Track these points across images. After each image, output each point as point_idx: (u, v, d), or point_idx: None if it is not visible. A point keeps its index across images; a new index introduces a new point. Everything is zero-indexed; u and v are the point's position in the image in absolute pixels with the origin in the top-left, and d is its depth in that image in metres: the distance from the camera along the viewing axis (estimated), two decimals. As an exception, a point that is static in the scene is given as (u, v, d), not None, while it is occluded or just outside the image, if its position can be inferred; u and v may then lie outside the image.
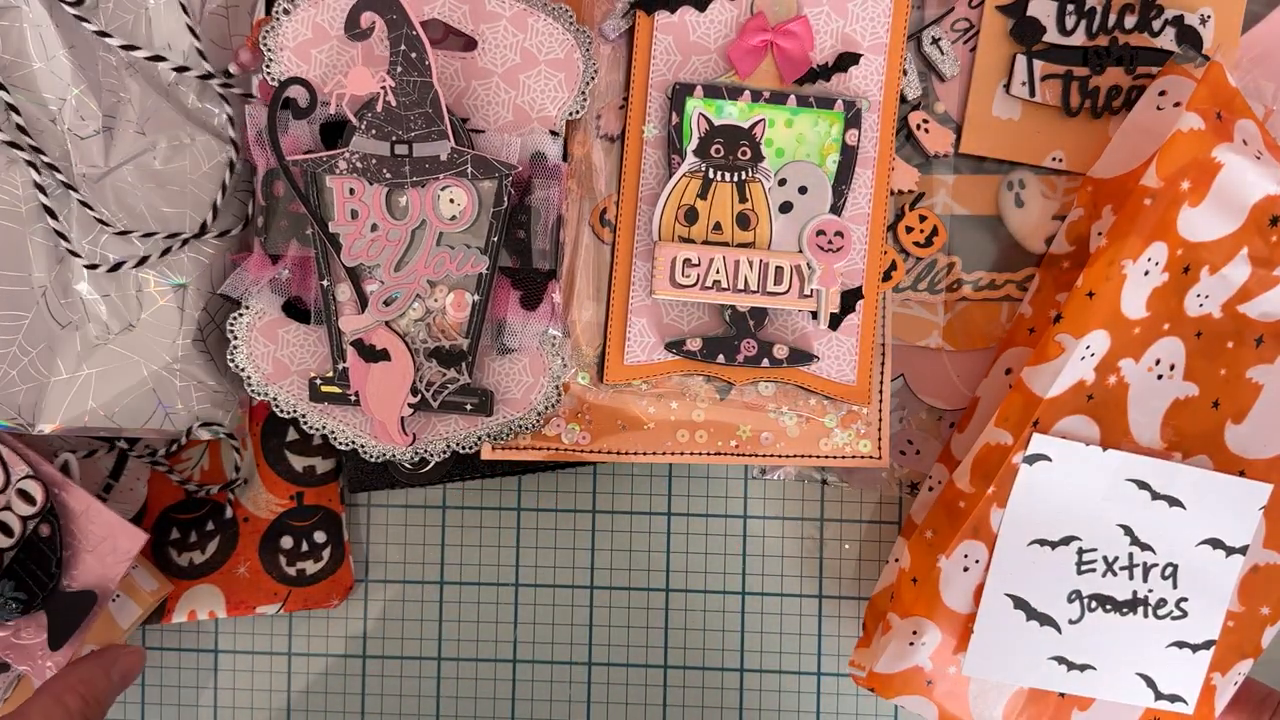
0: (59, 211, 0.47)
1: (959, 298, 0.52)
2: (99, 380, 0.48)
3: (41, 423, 0.47)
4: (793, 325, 0.49)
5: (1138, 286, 0.46)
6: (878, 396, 0.50)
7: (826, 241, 0.48)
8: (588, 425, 0.50)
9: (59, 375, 0.47)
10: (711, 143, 0.47)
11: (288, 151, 0.45)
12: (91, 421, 0.47)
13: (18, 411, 0.47)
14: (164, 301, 0.48)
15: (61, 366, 0.47)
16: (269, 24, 0.46)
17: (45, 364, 0.47)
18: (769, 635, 0.56)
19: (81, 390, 0.47)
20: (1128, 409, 0.48)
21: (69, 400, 0.47)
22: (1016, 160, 0.51)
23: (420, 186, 0.45)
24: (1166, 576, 0.49)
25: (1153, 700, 0.49)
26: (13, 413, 0.47)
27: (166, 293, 0.48)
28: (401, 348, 0.47)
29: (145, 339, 0.48)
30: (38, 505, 0.48)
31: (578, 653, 0.56)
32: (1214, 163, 0.45)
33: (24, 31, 0.46)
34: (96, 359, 0.48)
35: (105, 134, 0.47)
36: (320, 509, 0.54)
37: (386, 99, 0.45)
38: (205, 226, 0.48)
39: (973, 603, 0.48)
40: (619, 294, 0.49)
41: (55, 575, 0.49)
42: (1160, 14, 0.50)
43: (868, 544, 0.55)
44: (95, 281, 0.47)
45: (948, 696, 0.49)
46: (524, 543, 0.56)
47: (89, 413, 0.47)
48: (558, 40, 0.46)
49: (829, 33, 0.48)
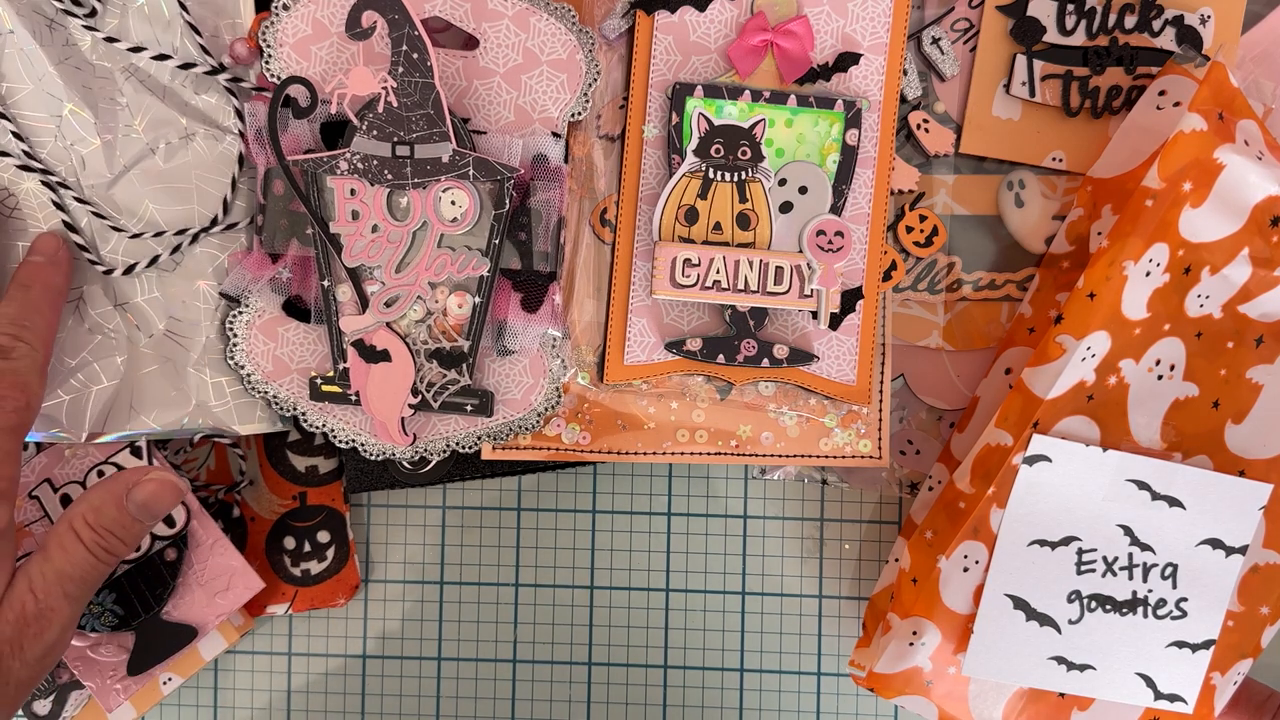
0: (76, 224, 0.47)
1: (959, 298, 0.52)
2: (138, 386, 0.48)
3: (87, 432, 0.47)
4: (793, 325, 0.49)
5: (1138, 287, 0.46)
6: (878, 396, 0.50)
7: (826, 241, 0.48)
8: (588, 425, 0.50)
9: (99, 384, 0.47)
10: (711, 143, 0.47)
11: (288, 151, 0.45)
12: (134, 427, 0.47)
13: (64, 423, 0.47)
14: (181, 300, 0.48)
15: (102, 375, 0.47)
16: (268, 19, 0.46)
17: (86, 375, 0.47)
18: (769, 635, 0.56)
19: (122, 397, 0.48)
20: (1128, 409, 0.48)
21: (112, 408, 0.47)
22: (1016, 160, 0.51)
23: (421, 188, 0.45)
24: (1166, 576, 0.49)
25: (1152, 700, 0.49)
26: (59, 425, 0.47)
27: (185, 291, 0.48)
28: (402, 349, 0.47)
29: (171, 340, 0.48)
30: (175, 529, 0.47)
31: (578, 653, 0.56)
32: (1216, 163, 0.45)
33: (12, 57, 0.46)
34: (131, 365, 0.48)
35: (105, 143, 0.47)
36: (324, 509, 0.54)
37: (388, 99, 0.44)
38: (216, 221, 0.48)
39: (972, 603, 0.48)
40: (619, 294, 0.49)
41: (161, 601, 0.48)
42: (1160, 14, 0.50)
43: (868, 544, 0.55)
44: (118, 290, 0.48)
45: (947, 697, 0.49)
46: (524, 543, 0.56)
47: (131, 419, 0.48)
48: (560, 40, 0.46)
49: (829, 32, 0.48)
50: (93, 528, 0.41)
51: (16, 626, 0.40)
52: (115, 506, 0.42)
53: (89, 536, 0.41)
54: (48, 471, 0.49)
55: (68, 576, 0.41)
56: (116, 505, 0.42)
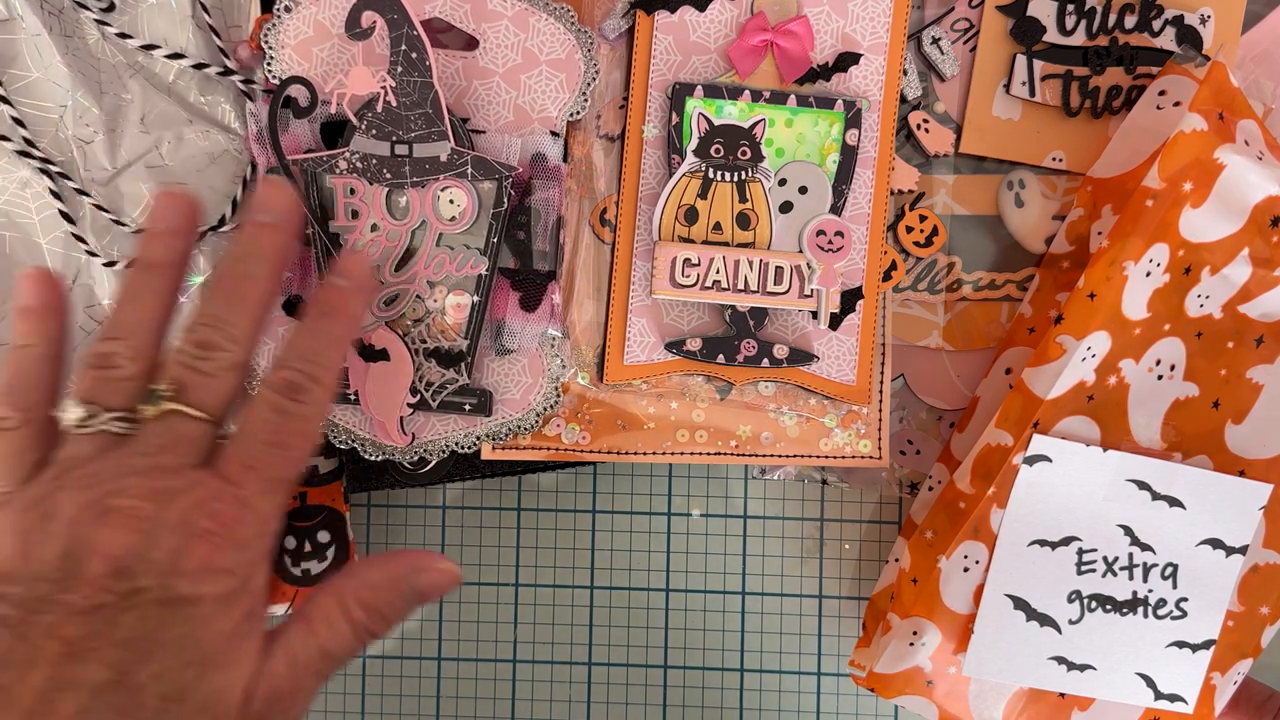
0: (74, 216, 0.47)
1: (959, 298, 0.52)
2: None
3: None
4: (793, 325, 0.49)
5: (1139, 287, 0.46)
6: (878, 396, 0.50)
7: (826, 241, 0.48)
8: (588, 425, 0.50)
9: None
10: (711, 142, 0.47)
11: (288, 150, 0.45)
12: None
13: None
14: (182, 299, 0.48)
15: None
16: (270, 21, 0.46)
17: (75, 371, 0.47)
18: (769, 635, 0.56)
19: None
20: (1128, 409, 0.48)
21: None
22: (1016, 160, 0.51)
23: (420, 187, 0.46)
24: (1166, 576, 0.49)
25: (1152, 700, 0.49)
26: None
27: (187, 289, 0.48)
28: (401, 348, 0.47)
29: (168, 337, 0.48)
30: None
31: (578, 653, 0.56)
32: (1216, 164, 0.45)
33: (20, 43, 0.46)
34: None
35: (109, 136, 0.47)
36: (324, 509, 0.54)
37: (387, 99, 0.45)
38: (224, 220, 0.48)
39: (973, 603, 0.48)
40: (619, 294, 0.49)
41: None
42: (1160, 14, 0.50)
43: (868, 544, 0.55)
44: (115, 284, 0.48)
45: (948, 697, 0.49)
46: (524, 543, 0.56)
47: None
48: (559, 40, 0.46)
49: (829, 32, 0.48)
50: (366, 609, 0.37)
51: (268, 703, 0.35)
52: (392, 591, 0.38)
53: (359, 617, 0.37)
54: None
55: (328, 656, 0.36)
56: (394, 589, 0.38)
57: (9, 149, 0.46)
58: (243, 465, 0.36)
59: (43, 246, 0.48)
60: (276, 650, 0.36)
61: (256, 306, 0.38)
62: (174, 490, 0.34)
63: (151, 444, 0.35)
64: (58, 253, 0.48)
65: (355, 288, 0.40)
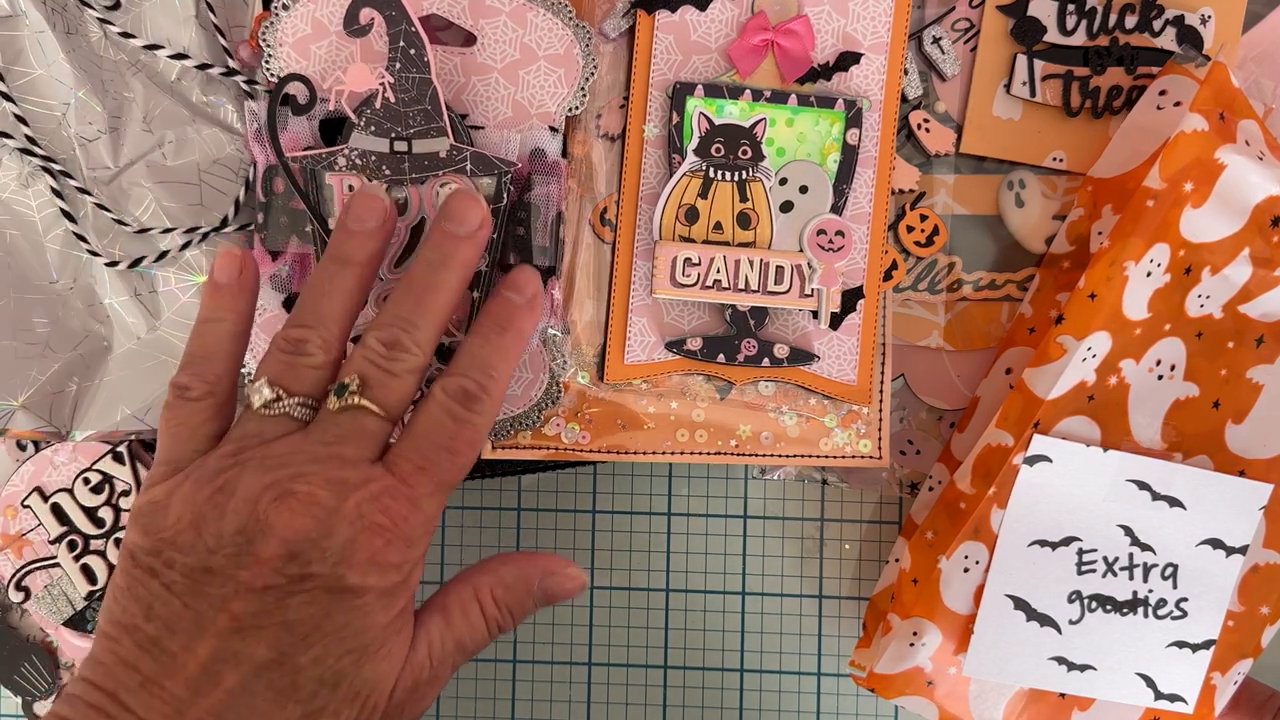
0: (75, 214, 0.47)
1: (959, 298, 0.51)
2: (128, 383, 0.47)
3: (75, 428, 0.47)
4: (793, 325, 0.49)
5: (1139, 287, 0.46)
6: (878, 396, 0.50)
7: (827, 241, 0.48)
8: (588, 425, 0.49)
9: (89, 380, 0.47)
10: (712, 142, 0.47)
11: (287, 148, 0.45)
12: (124, 424, 0.47)
13: (50, 418, 0.47)
14: (185, 299, 0.48)
15: (91, 371, 0.47)
16: (268, 19, 0.46)
17: (74, 369, 0.47)
18: (769, 635, 0.55)
19: (113, 394, 0.47)
20: (1128, 410, 0.48)
21: (101, 405, 0.47)
22: (1017, 160, 0.51)
23: (419, 183, 0.45)
24: (1166, 577, 0.49)
25: (1153, 700, 0.49)
26: (45, 419, 0.47)
27: (188, 289, 0.48)
28: (401, 346, 0.47)
29: (170, 337, 0.48)
30: None
31: (578, 653, 0.56)
32: (1217, 164, 0.45)
33: (23, 39, 0.46)
34: (124, 361, 0.47)
35: (111, 135, 0.47)
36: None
37: (385, 96, 0.44)
38: (226, 221, 0.48)
39: (973, 604, 0.48)
40: (619, 293, 0.49)
41: None
42: (1160, 14, 0.50)
43: (868, 544, 0.55)
44: (116, 284, 0.47)
45: (948, 697, 0.49)
46: (524, 543, 0.55)
47: (121, 415, 0.47)
48: (557, 35, 0.46)
49: (830, 32, 0.48)
50: (498, 604, 0.39)
51: (409, 691, 0.37)
52: (525, 589, 0.39)
53: (492, 612, 0.39)
54: (36, 479, 0.49)
55: (462, 647, 0.38)
56: (526, 588, 0.39)
57: (11, 146, 0.46)
58: (415, 466, 0.37)
59: (44, 244, 0.48)
60: (419, 640, 0.37)
61: (440, 316, 0.39)
62: (352, 482, 0.35)
63: (331, 434, 0.36)
64: (59, 250, 0.47)
65: (528, 304, 0.41)
